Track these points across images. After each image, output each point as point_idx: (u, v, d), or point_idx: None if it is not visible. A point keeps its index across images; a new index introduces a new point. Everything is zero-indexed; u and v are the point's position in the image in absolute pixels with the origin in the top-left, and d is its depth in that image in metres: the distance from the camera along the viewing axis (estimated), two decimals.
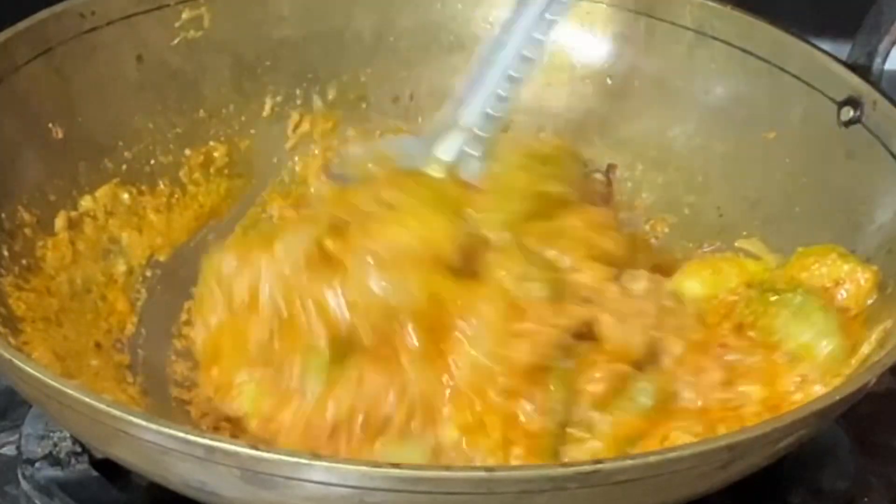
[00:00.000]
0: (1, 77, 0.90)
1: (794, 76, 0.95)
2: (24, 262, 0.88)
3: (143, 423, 0.70)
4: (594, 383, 0.82)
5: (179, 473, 0.73)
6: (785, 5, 1.02)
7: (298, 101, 1.03)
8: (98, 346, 0.90)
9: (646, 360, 0.85)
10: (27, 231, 0.89)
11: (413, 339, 0.83)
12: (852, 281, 0.86)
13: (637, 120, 1.02)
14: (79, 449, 0.84)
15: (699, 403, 0.83)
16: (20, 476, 0.84)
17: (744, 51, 0.98)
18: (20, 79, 0.91)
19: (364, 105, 1.04)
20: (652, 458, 0.70)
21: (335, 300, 0.83)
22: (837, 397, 0.74)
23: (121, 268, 0.94)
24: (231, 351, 0.86)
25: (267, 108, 1.02)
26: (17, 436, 0.86)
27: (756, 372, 0.84)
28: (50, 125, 0.92)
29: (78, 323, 0.89)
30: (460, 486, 0.68)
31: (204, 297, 0.88)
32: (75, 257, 0.91)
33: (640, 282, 0.88)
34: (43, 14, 0.93)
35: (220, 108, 1.01)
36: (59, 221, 0.91)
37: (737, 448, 0.71)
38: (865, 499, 0.87)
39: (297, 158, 1.03)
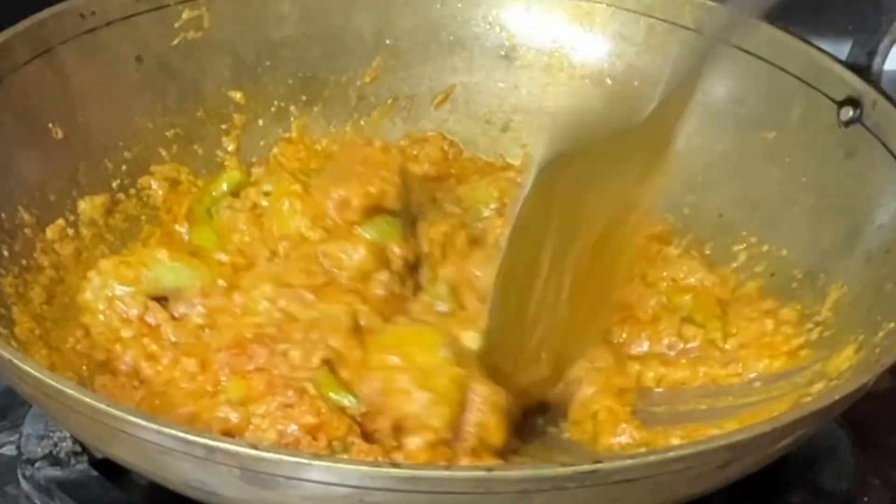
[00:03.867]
0: (1, 77, 0.90)
1: (794, 76, 0.95)
2: (24, 262, 0.88)
3: (143, 423, 0.70)
4: None
5: (179, 473, 0.73)
6: (785, 5, 1.02)
7: (298, 102, 1.03)
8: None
9: None
10: (27, 231, 0.89)
11: None
12: None
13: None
14: (79, 449, 0.84)
15: None
16: (20, 476, 0.84)
17: (744, 51, 0.98)
18: (20, 79, 0.91)
19: (364, 105, 1.04)
20: (652, 458, 0.70)
21: None
22: (837, 397, 0.74)
23: None
24: None
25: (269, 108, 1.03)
26: (17, 436, 0.86)
27: None
28: (50, 125, 0.92)
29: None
30: (460, 486, 0.68)
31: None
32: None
33: None
34: (43, 14, 0.93)
35: (219, 108, 1.01)
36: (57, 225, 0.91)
37: (736, 448, 0.71)
38: (865, 499, 0.87)
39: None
